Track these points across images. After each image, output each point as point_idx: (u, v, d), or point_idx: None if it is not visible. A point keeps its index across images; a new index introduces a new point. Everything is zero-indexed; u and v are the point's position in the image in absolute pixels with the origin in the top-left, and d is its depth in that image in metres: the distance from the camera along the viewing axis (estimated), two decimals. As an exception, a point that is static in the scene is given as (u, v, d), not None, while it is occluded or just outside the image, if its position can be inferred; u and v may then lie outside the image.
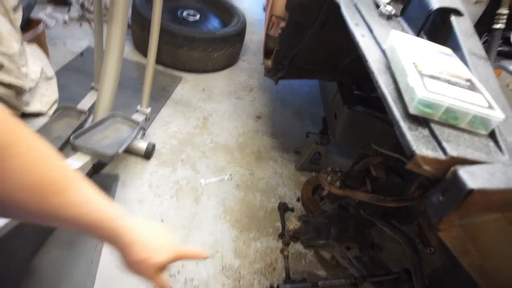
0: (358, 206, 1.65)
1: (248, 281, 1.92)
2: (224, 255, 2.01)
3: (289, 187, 2.54)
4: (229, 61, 3.54)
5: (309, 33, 1.79)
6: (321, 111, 2.83)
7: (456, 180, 0.56)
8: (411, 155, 0.62)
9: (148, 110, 2.35)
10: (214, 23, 3.65)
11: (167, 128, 2.69)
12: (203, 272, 1.90)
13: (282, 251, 1.99)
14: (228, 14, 3.66)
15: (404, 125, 0.67)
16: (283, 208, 2.32)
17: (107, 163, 2.19)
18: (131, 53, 3.33)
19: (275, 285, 1.52)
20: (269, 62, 2.36)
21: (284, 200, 2.42)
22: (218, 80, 3.36)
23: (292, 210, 2.36)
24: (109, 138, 1.93)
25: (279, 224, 2.25)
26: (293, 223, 1.67)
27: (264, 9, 4.39)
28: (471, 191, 0.54)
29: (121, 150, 1.84)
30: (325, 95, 3.11)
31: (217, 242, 2.06)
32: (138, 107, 2.33)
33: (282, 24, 2.14)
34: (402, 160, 1.50)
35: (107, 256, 1.80)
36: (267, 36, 2.33)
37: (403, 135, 0.66)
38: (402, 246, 1.49)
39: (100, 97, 2.02)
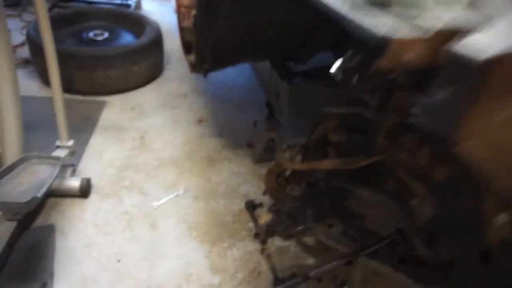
0: (328, 178, 1.49)
1: (235, 296, 1.69)
2: (200, 276, 1.75)
3: (252, 183, 2.34)
4: (153, 73, 3.27)
5: (221, 11, 1.62)
6: (263, 97, 2.67)
7: (464, 57, 0.39)
8: (381, 45, 0.45)
9: (70, 142, 2.03)
10: (126, 38, 3.36)
11: (101, 158, 2.36)
12: (181, 302, 1.64)
13: (262, 251, 1.78)
14: (139, 25, 3.38)
15: (359, 14, 0.50)
16: (251, 206, 2.11)
17: (33, 216, 1.84)
18: (39, 89, 2.94)
19: None
20: (191, 57, 2.15)
21: (250, 198, 2.21)
22: (146, 95, 3.08)
23: (261, 205, 2.15)
24: (24, 184, 1.60)
25: (251, 224, 2.04)
26: (264, 217, 1.47)
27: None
28: (496, 60, 0.36)
29: (40, 193, 1.52)
30: (262, 78, 2.97)
31: (189, 264, 1.80)
32: (57, 142, 2.00)
33: (193, 12, 1.94)
34: (360, 114, 1.37)
35: None
36: (182, 29, 2.13)
37: (362, 26, 0.48)
38: (383, 211, 1.36)
39: (3, 142, 1.68)
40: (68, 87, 2.73)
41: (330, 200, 1.49)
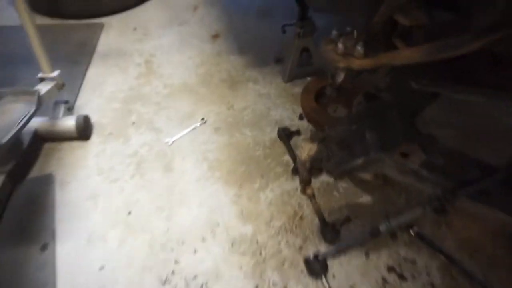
0: (397, 82, 0.99)
1: (273, 248, 1.34)
2: (228, 226, 1.41)
3: (284, 106, 1.88)
4: (156, -17, 2.69)
5: None
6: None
7: None
8: None
9: (55, 73, 1.63)
10: None
11: (102, 91, 1.97)
12: (207, 260, 1.32)
13: (303, 191, 1.39)
14: None
15: None
16: (286, 135, 1.69)
17: (27, 166, 1.53)
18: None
19: (311, 257, 0.90)
20: None
21: (284, 125, 1.77)
22: (150, 11, 2.56)
23: (298, 133, 1.73)
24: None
25: (287, 157, 1.63)
26: (306, 148, 1.03)
27: None
28: None
29: (5, 138, 1.17)
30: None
31: (214, 212, 1.45)
32: (40, 74, 1.61)
33: None
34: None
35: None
36: None
37: None
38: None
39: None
40: (56, 9, 2.27)
41: (400, 116, 1.01)
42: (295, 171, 1.54)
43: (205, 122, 1.80)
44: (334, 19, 1.98)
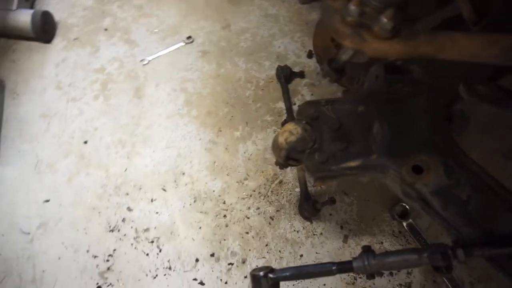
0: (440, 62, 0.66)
1: (240, 213, 1.16)
2: (194, 177, 1.22)
3: (292, 35, 1.52)
4: None
5: None
6: None
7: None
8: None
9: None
10: None
11: (74, -21, 1.60)
12: (164, 213, 1.16)
13: (277, 164, 1.13)
14: None
15: None
16: (285, 76, 1.38)
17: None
18: None
19: (261, 273, 0.69)
20: None
21: (286, 61, 1.45)
22: None
23: (301, 75, 1.41)
24: None
25: (281, 104, 1.35)
26: (285, 131, 0.75)
27: None
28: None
29: None
30: None
31: (181, 158, 1.24)
32: None
33: None
34: None
35: None
36: None
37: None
38: None
39: None
40: None
41: (429, 113, 0.71)
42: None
43: (192, 42, 1.47)
44: None
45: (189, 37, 1.47)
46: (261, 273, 0.69)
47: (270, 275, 0.69)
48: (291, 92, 1.36)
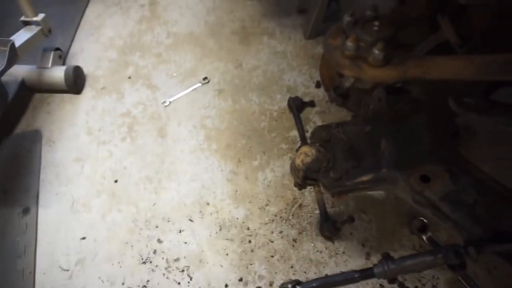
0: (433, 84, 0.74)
1: (264, 238, 1.22)
2: (218, 206, 1.29)
3: (300, 69, 1.63)
4: None
5: None
6: None
7: None
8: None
9: (40, 17, 1.44)
10: None
11: (99, 36, 1.78)
12: (192, 243, 1.22)
13: (296, 186, 1.21)
14: None
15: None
16: (297, 106, 1.48)
17: (15, 118, 1.43)
18: None
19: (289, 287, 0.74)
20: None
21: (297, 92, 1.55)
22: None
23: (312, 104, 1.51)
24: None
25: (295, 132, 1.43)
26: (301, 153, 0.83)
27: None
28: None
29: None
30: None
31: (205, 189, 1.32)
32: (22, 18, 1.43)
33: None
34: None
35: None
36: None
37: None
38: None
39: None
40: None
41: (429, 124, 0.78)
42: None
43: (208, 82, 1.59)
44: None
45: (205, 78, 1.59)
46: (289, 286, 0.74)
47: (298, 287, 0.74)
48: (303, 121, 1.45)
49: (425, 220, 1.21)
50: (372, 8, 0.56)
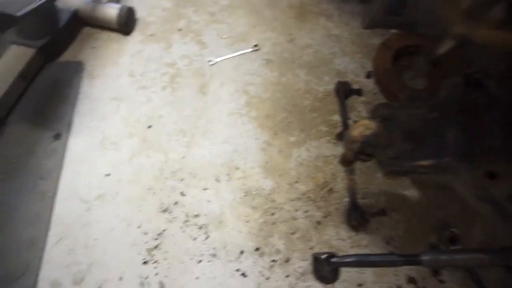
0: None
1: (288, 213, 1.18)
2: (248, 173, 1.26)
3: (353, 56, 1.58)
4: None
5: None
6: None
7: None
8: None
9: None
10: None
11: (157, -17, 1.75)
12: (215, 203, 1.19)
13: (343, 161, 1.17)
14: None
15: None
16: (344, 91, 1.43)
17: (61, 47, 1.42)
18: None
19: (323, 256, 0.71)
20: None
21: (346, 78, 1.50)
22: None
23: (359, 93, 1.45)
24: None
25: (337, 117, 1.39)
26: (360, 125, 0.79)
27: None
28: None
29: (21, 12, 1.02)
30: None
31: (237, 154, 1.29)
32: None
33: None
34: None
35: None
36: None
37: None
38: None
39: None
40: None
41: (503, 121, 0.73)
42: (340, 137, 1.32)
43: (258, 50, 1.55)
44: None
45: (255, 45, 1.55)
46: (323, 257, 0.71)
47: (333, 259, 0.70)
48: (348, 108, 1.40)
49: (456, 232, 1.16)
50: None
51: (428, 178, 0.77)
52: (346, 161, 0.89)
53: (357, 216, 1.14)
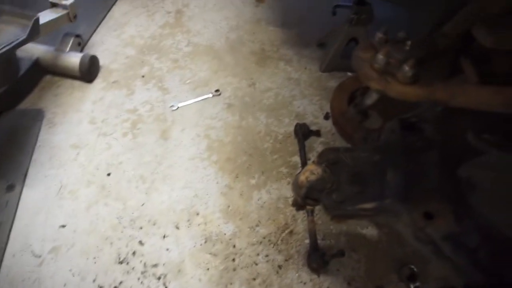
0: (450, 121, 0.75)
1: (249, 258, 1.17)
2: (208, 218, 1.25)
3: (311, 99, 1.65)
4: None
5: None
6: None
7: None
8: None
9: (69, 1, 1.46)
10: None
11: (121, 33, 1.80)
12: (174, 251, 1.17)
13: (294, 205, 1.18)
14: None
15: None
16: (303, 133, 1.47)
17: (20, 94, 1.41)
18: None
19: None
20: None
21: (305, 120, 1.55)
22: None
23: (318, 134, 1.50)
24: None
25: (297, 158, 1.42)
26: (307, 170, 0.82)
27: None
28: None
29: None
30: None
31: (197, 199, 1.29)
32: (52, -1, 1.45)
33: None
34: None
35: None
36: None
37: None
38: None
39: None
40: None
41: (440, 164, 0.77)
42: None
43: (219, 94, 1.60)
44: (399, 14, 1.68)
45: (217, 90, 1.60)
46: None
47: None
48: (307, 148, 1.44)
49: (415, 269, 1.18)
50: (405, 32, 0.56)
51: (373, 221, 0.79)
52: (297, 206, 0.91)
53: (317, 258, 1.14)
